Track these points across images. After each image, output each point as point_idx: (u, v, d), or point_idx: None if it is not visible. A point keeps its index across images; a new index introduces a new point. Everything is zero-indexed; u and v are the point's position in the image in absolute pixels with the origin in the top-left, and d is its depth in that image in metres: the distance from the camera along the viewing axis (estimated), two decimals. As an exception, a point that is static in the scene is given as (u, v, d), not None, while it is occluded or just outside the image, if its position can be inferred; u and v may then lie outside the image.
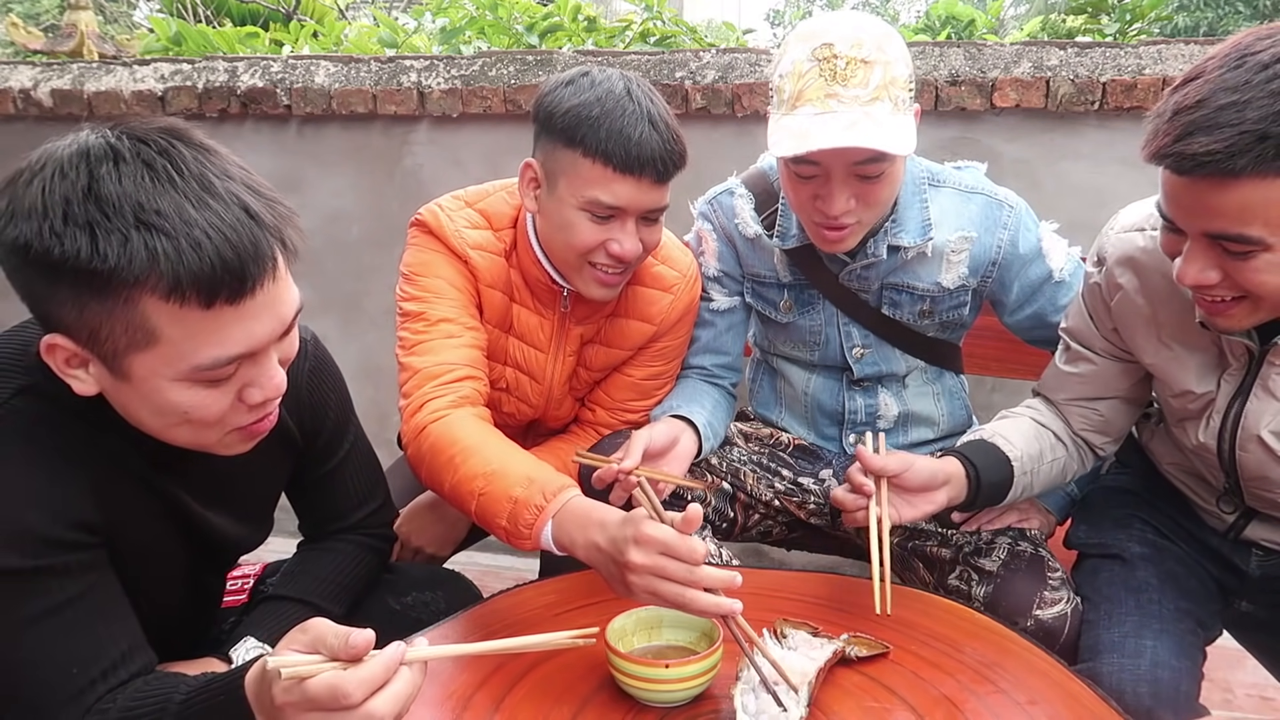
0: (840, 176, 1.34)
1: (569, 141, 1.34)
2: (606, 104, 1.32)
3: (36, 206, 0.81)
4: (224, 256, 0.81)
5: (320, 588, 1.22)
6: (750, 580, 1.39)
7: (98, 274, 0.79)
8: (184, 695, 0.87)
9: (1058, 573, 1.37)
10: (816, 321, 1.60)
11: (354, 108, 2.58)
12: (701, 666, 1.03)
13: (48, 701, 0.87)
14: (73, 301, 0.82)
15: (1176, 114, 0.96)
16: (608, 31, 3.13)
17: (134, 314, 0.82)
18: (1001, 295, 1.55)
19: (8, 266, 0.84)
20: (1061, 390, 1.43)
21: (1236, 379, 1.21)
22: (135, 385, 0.86)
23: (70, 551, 0.90)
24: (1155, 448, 1.47)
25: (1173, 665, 1.19)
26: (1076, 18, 3.58)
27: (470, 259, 1.47)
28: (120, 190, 0.80)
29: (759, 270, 1.62)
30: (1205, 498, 1.39)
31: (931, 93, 2.23)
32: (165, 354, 0.84)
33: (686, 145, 1.39)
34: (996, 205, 1.51)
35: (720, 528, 1.58)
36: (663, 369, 1.63)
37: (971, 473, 1.29)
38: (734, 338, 1.69)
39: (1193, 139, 0.94)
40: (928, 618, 1.24)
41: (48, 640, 0.87)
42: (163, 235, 0.80)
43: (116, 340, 0.83)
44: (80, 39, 3.28)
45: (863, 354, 1.60)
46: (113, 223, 0.79)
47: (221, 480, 1.09)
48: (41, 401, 0.90)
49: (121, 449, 0.96)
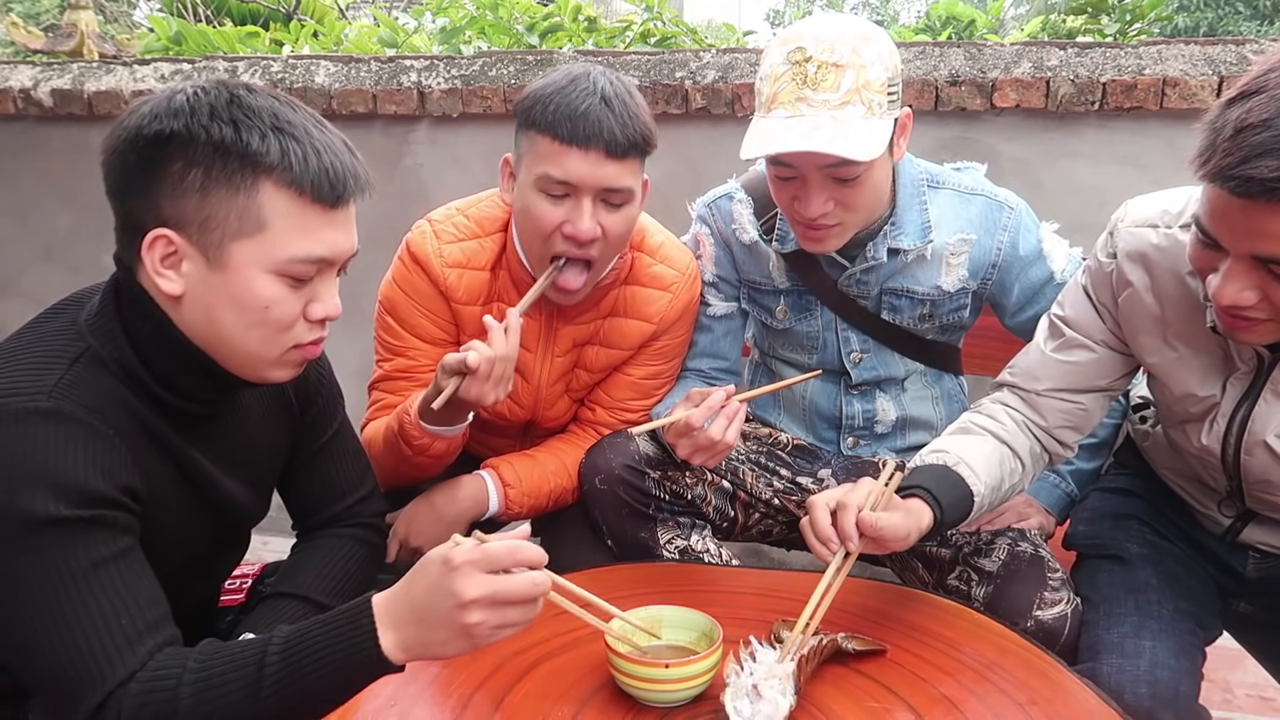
0: (815, 180, 1.34)
1: (526, 123, 1.38)
2: (562, 84, 1.36)
3: (184, 107, 0.95)
4: (334, 166, 0.99)
5: (318, 583, 1.23)
6: (750, 580, 1.40)
7: (236, 156, 0.94)
8: (285, 633, 0.91)
9: (1058, 573, 1.36)
10: (814, 327, 1.60)
11: (354, 107, 2.58)
12: (701, 666, 1.03)
13: (93, 653, 0.89)
14: (199, 189, 0.94)
15: (1239, 132, 0.91)
16: (608, 32, 3.13)
17: (252, 201, 0.95)
18: (1002, 298, 1.55)
19: (133, 165, 0.95)
20: (1044, 380, 1.35)
21: (1244, 383, 1.19)
22: (229, 275, 0.97)
23: (116, 509, 0.95)
24: (1152, 452, 1.46)
25: (1172, 665, 1.19)
26: (1076, 18, 3.58)
27: (447, 282, 1.52)
28: (257, 104, 0.97)
29: (755, 277, 1.62)
30: (1203, 501, 1.38)
31: (931, 93, 2.24)
32: (267, 242, 0.97)
33: (651, 130, 1.40)
34: (996, 207, 1.50)
35: (721, 527, 1.58)
36: (662, 368, 1.63)
37: (938, 515, 1.22)
38: (731, 342, 1.69)
39: (1261, 161, 0.89)
40: (928, 618, 1.24)
41: (92, 592, 0.91)
42: (292, 139, 0.97)
43: (228, 226, 0.96)
44: (80, 39, 3.28)
45: (861, 358, 1.60)
46: (253, 122, 0.95)
47: (236, 446, 1.16)
48: (93, 366, 0.98)
49: (152, 413, 1.02)
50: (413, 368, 1.58)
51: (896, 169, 1.47)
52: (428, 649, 0.89)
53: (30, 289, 2.94)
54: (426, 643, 0.89)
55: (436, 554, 0.88)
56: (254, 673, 0.89)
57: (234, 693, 0.89)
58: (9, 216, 2.90)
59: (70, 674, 0.89)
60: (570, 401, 1.67)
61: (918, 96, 2.23)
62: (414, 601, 0.89)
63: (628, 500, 1.49)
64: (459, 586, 0.86)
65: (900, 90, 1.36)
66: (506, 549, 0.88)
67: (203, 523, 1.13)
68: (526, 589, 0.88)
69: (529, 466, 1.58)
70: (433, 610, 0.88)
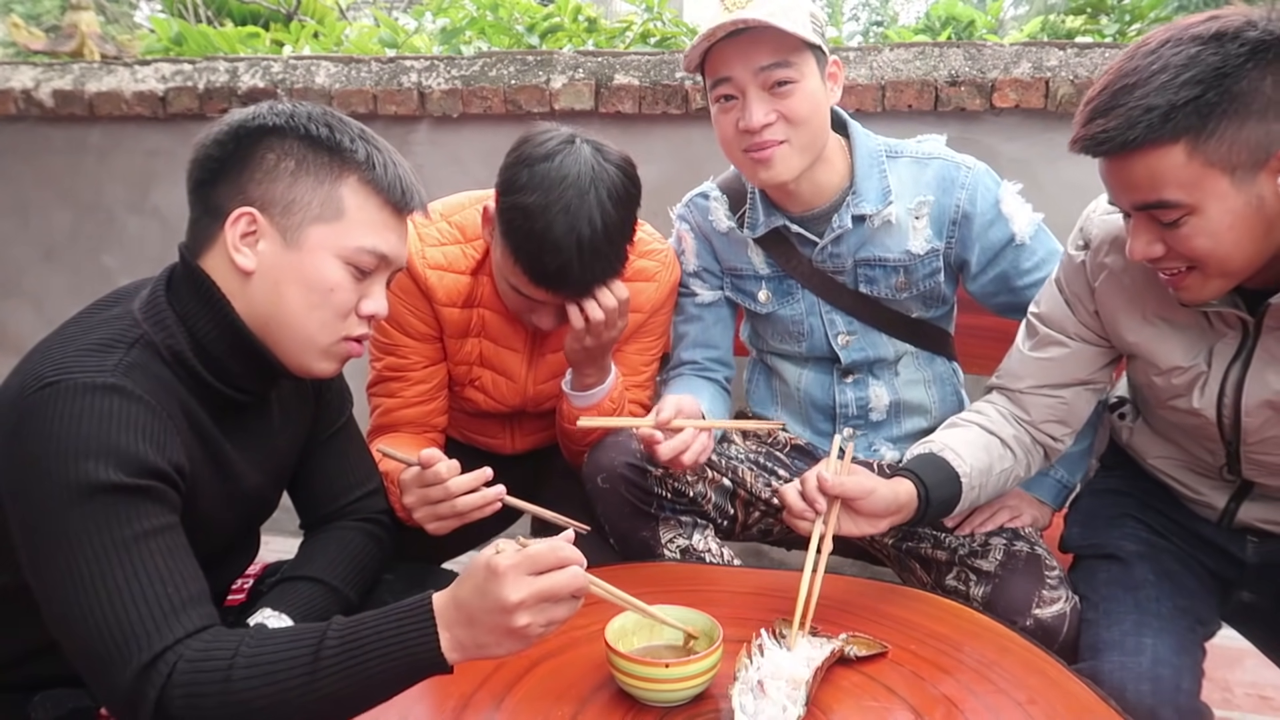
0: (753, 89, 1.40)
1: (503, 232, 1.38)
2: (538, 222, 1.32)
3: (284, 109, 1.08)
4: (405, 178, 1.12)
5: (333, 570, 1.25)
6: (750, 580, 1.40)
7: (327, 150, 1.07)
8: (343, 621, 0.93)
9: (1055, 571, 1.37)
10: (797, 311, 1.63)
11: (354, 108, 2.58)
12: (701, 666, 1.03)
13: (141, 618, 0.91)
14: (291, 174, 1.06)
15: (1084, 106, 1.09)
16: (608, 32, 3.13)
17: (335, 191, 1.07)
18: (965, 255, 1.56)
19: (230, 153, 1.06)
20: (1026, 378, 1.41)
21: (1232, 346, 1.22)
22: (303, 255, 1.06)
23: (164, 482, 0.99)
24: (1138, 444, 1.47)
25: (1173, 663, 1.20)
26: (1076, 18, 3.58)
27: (428, 282, 1.53)
28: (346, 118, 1.11)
29: (735, 264, 1.66)
30: (1196, 488, 1.39)
31: (931, 93, 2.24)
32: (341, 230, 1.07)
33: (625, 255, 1.40)
34: (954, 167, 1.53)
35: (722, 525, 1.59)
36: (650, 343, 1.68)
37: (923, 493, 1.28)
38: (722, 330, 1.72)
39: (1094, 123, 1.06)
40: (927, 618, 1.24)
41: (142, 559, 0.94)
42: (376, 149, 1.10)
43: (309, 210, 1.06)
44: (81, 39, 3.29)
45: (848, 340, 1.62)
46: (345, 129, 1.09)
47: (264, 439, 1.21)
48: (148, 352, 1.03)
49: (196, 400, 1.07)
50: (405, 365, 1.59)
51: (853, 141, 1.52)
52: (482, 649, 0.92)
53: (30, 289, 2.94)
54: (480, 643, 0.92)
55: (481, 560, 0.91)
56: (310, 655, 0.90)
57: (288, 671, 0.90)
58: (9, 216, 2.90)
59: (116, 638, 0.90)
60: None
61: (917, 96, 2.24)
62: (463, 606, 0.91)
63: (630, 499, 1.49)
64: (505, 592, 0.89)
65: (825, 36, 1.43)
66: (549, 549, 0.92)
67: (227, 515, 1.16)
68: (569, 583, 0.91)
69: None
70: (482, 615, 0.90)
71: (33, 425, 0.93)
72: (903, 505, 1.26)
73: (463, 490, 1.26)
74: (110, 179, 2.78)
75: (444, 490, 1.26)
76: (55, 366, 0.96)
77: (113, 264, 2.84)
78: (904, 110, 2.25)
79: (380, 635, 0.91)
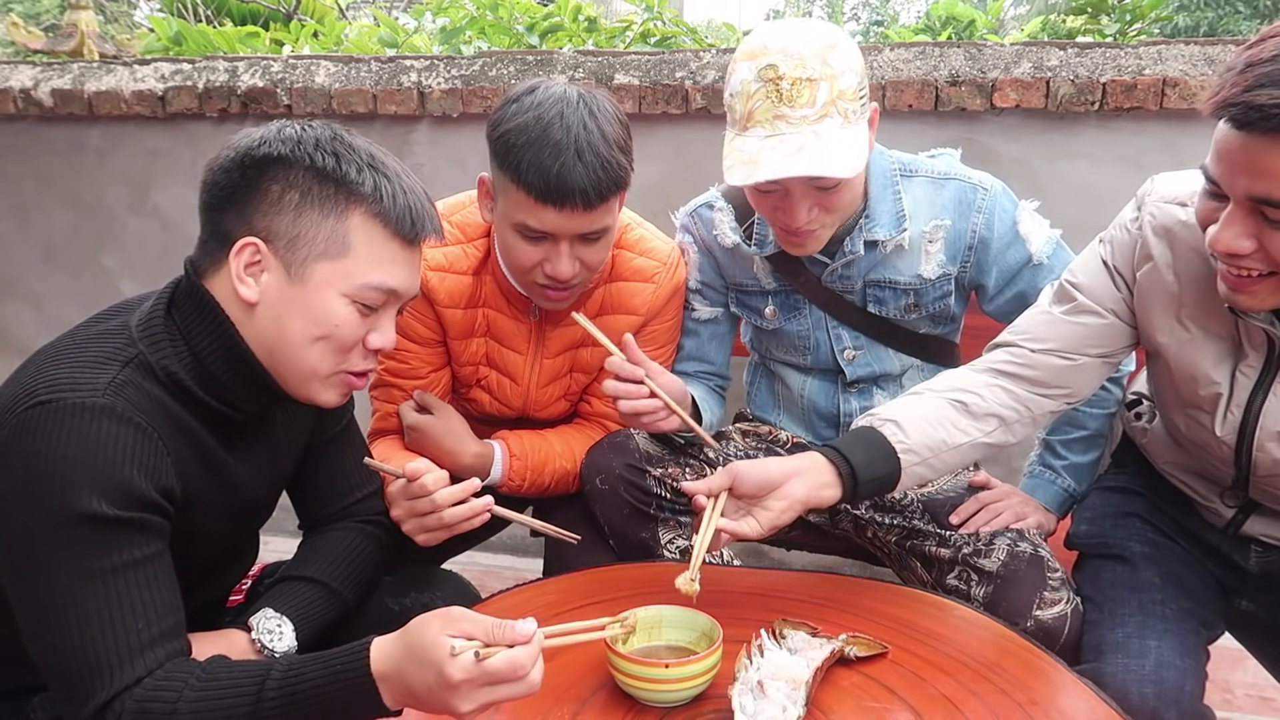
0: (798, 193, 1.36)
1: (500, 164, 1.37)
2: (533, 132, 1.32)
3: (291, 135, 1.05)
4: (416, 206, 1.08)
5: (332, 570, 1.25)
6: (750, 580, 1.40)
7: (333, 183, 1.04)
8: (284, 668, 0.92)
9: (1058, 573, 1.36)
10: (804, 326, 1.61)
11: (354, 108, 2.58)
12: (701, 666, 1.03)
13: (107, 653, 0.91)
14: (296, 207, 1.03)
15: (1249, 67, 0.95)
16: (608, 32, 3.13)
17: (341, 226, 1.04)
18: (981, 280, 1.55)
19: (236, 181, 1.03)
20: (1049, 340, 1.33)
21: (1255, 371, 1.19)
22: (307, 291, 1.04)
23: (151, 512, 0.98)
24: (1151, 447, 1.46)
25: (1177, 665, 1.19)
26: (1076, 18, 3.58)
27: (429, 284, 1.52)
28: (356, 144, 1.08)
29: (741, 279, 1.63)
30: (1204, 494, 1.38)
31: (931, 93, 2.23)
32: (347, 267, 1.05)
33: (627, 164, 1.39)
34: (971, 189, 1.51)
35: (721, 527, 1.58)
36: (654, 354, 1.64)
37: (841, 464, 1.24)
38: (718, 347, 1.70)
39: (1262, 90, 0.93)
40: (927, 618, 1.24)
41: (118, 593, 0.94)
42: (385, 177, 1.06)
43: (314, 246, 1.03)
44: (81, 39, 3.28)
45: (854, 355, 1.60)
46: (352, 157, 1.05)
47: (266, 449, 1.19)
48: (141, 371, 1.02)
49: (193, 419, 1.06)
50: (406, 370, 1.59)
51: (868, 161, 1.47)
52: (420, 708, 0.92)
53: (30, 290, 2.94)
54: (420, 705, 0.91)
55: (435, 655, 0.87)
56: (252, 700, 0.91)
57: (230, 716, 0.91)
58: (9, 217, 2.90)
59: (82, 669, 0.91)
60: (568, 405, 1.69)
61: (918, 96, 2.23)
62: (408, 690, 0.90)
63: (629, 500, 1.49)
64: (456, 702, 0.87)
65: (868, 89, 1.37)
66: (507, 664, 0.87)
67: (229, 526, 1.16)
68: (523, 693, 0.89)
69: (536, 443, 1.59)
70: (427, 699, 0.89)
71: (22, 443, 0.92)
72: (796, 470, 1.22)
73: (450, 502, 1.25)
74: (110, 179, 2.78)
75: (431, 503, 1.25)
76: (49, 383, 0.95)
77: (112, 264, 2.83)
78: (904, 110, 2.25)
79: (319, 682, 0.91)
